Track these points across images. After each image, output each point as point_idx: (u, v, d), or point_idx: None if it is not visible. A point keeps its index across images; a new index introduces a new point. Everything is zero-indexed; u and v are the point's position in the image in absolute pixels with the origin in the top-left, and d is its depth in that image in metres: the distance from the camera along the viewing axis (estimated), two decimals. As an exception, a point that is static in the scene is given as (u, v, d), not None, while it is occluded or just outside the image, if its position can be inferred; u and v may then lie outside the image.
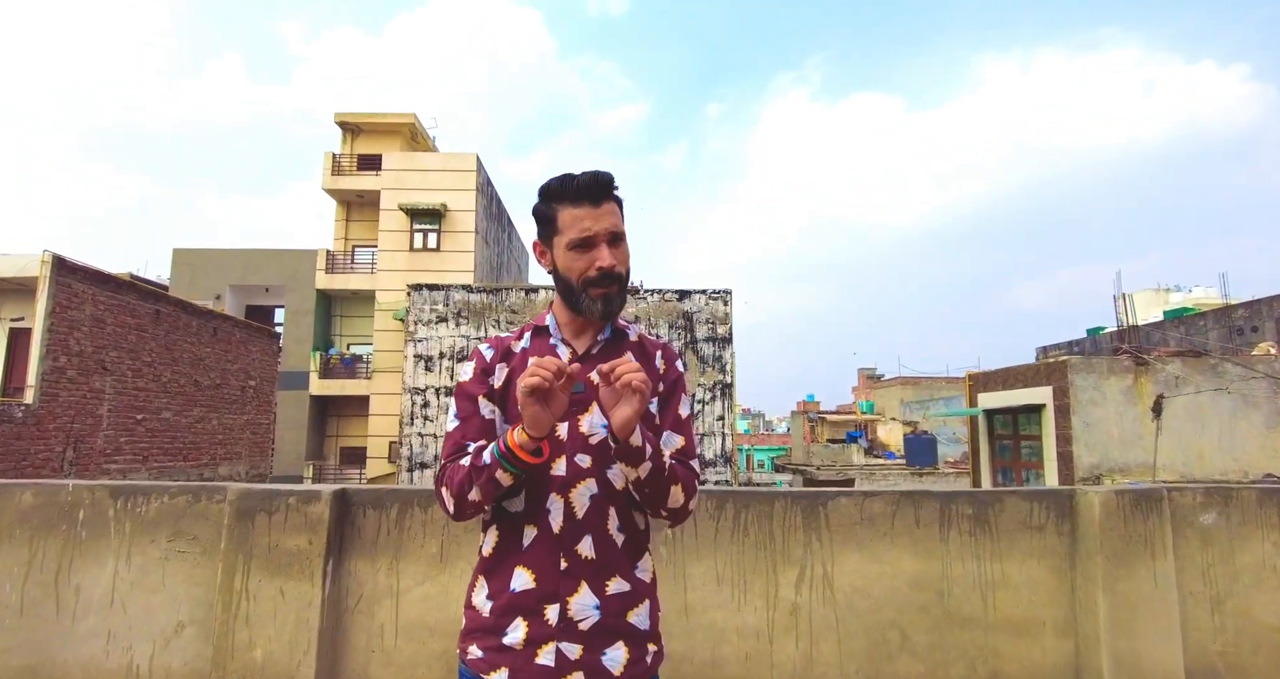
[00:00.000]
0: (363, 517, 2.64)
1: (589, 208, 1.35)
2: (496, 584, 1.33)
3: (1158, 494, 2.76)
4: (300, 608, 2.50)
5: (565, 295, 1.42)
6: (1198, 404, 9.65)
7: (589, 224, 1.34)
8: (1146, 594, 2.66)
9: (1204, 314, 31.49)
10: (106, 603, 2.63)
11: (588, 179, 1.36)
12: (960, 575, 2.73)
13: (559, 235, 1.38)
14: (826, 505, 2.71)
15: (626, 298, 1.45)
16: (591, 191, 1.35)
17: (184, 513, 2.68)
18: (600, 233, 1.35)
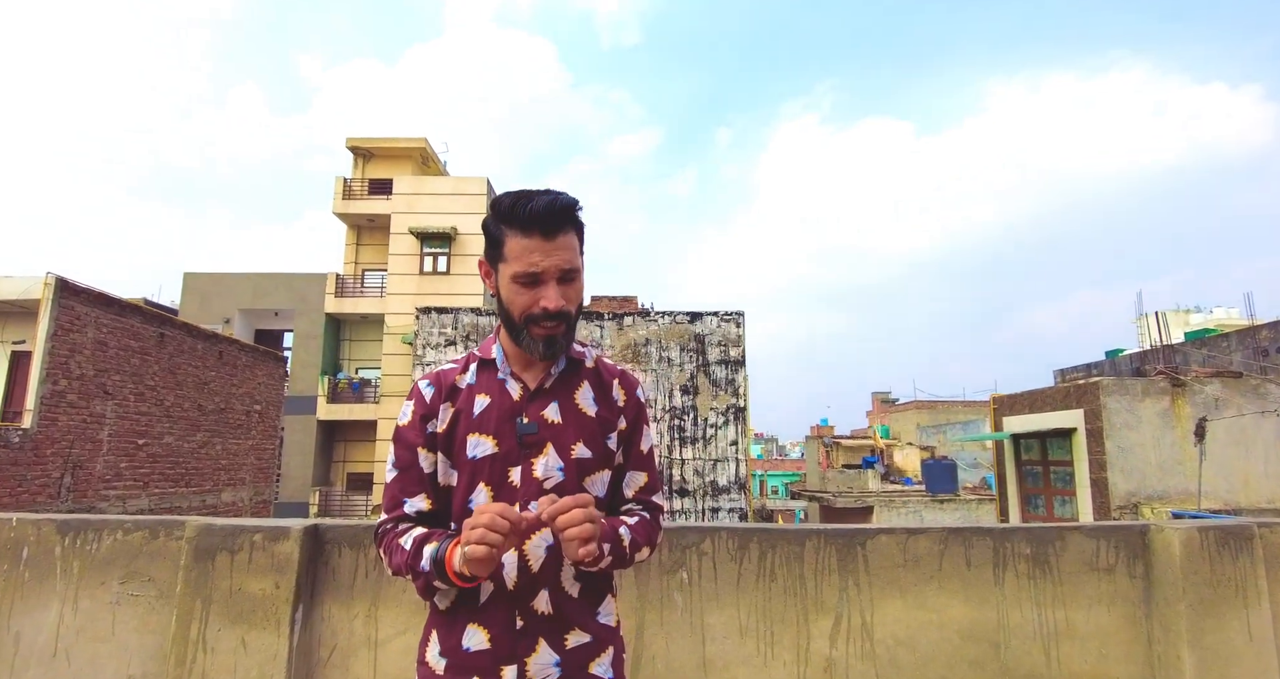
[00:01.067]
0: (338, 556, 2.34)
1: (540, 240, 1.20)
2: (450, 641, 1.23)
3: (1248, 531, 2.41)
4: (264, 661, 2.19)
5: (507, 328, 1.30)
6: (1240, 427, 9.19)
7: (538, 259, 1.21)
8: (1239, 649, 2.30)
9: (1227, 335, 30.78)
10: (50, 653, 2.33)
11: (543, 207, 1.19)
12: (1018, 625, 2.38)
13: (505, 263, 1.24)
14: (865, 545, 2.38)
15: (574, 335, 1.31)
16: (545, 222, 1.20)
17: (139, 551, 2.39)
18: (549, 269, 1.22)
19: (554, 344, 1.26)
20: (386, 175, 23.41)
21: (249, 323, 23.04)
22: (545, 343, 1.25)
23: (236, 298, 22.47)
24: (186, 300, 22.49)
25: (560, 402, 1.31)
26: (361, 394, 22.10)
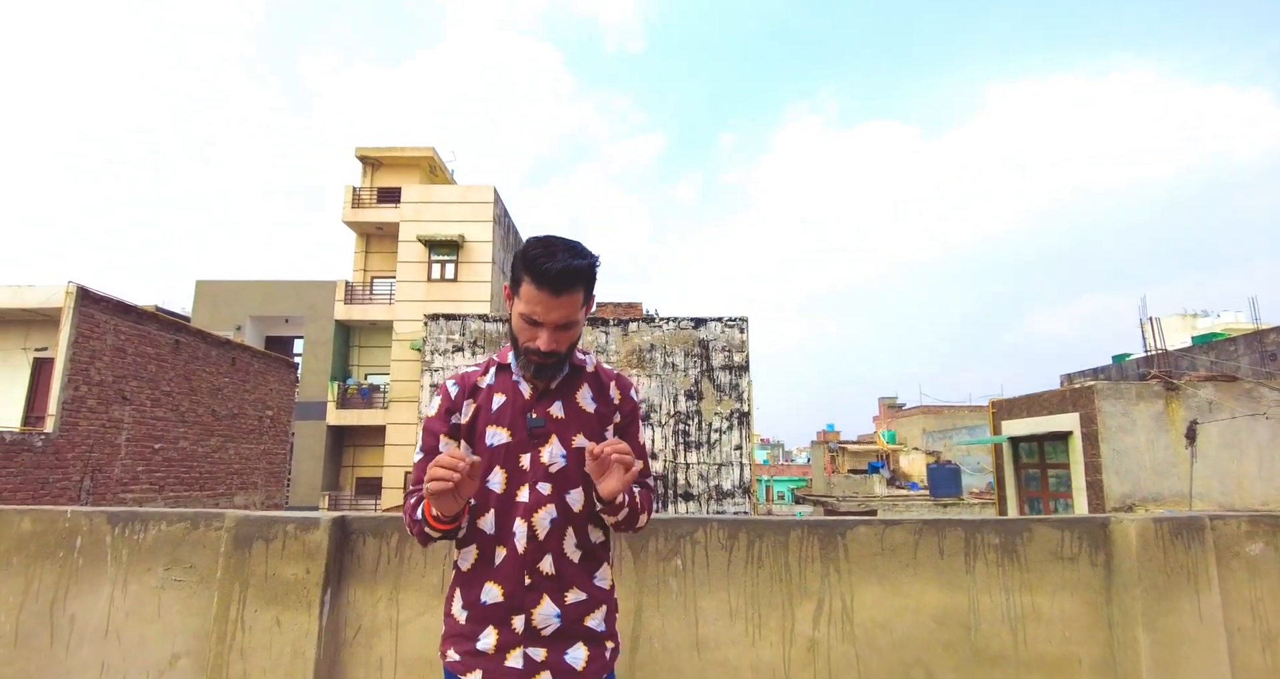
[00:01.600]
0: (362, 545, 2.56)
1: (548, 295, 1.42)
2: (470, 596, 1.48)
3: (1199, 522, 2.60)
4: (296, 639, 2.41)
5: (512, 347, 1.56)
6: (1233, 430, 9.32)
7: (540, 311, 1.44)
8: (1191, 631, 2.49)
9: (1234, 339, 30.77)
10: (101, 633, 2.56)
11: (556, 272, 1.40)
12: (988, 609, 2.58)
13: (519, 300, 1.48)
14: (845, 535, 2.58)
15: (566, 364, 1.55)
16: (556, 282, 1.41)
17: (182, 541, 2.62)
18: (549, 321, 1.45)
19: (543, 371, 1.51)
20: (395, 184, 23.76)
21: (260, 329, 23.38)
22: (536, 368, 1.50)
23: (247, 305, 22.82)
24: (198, 307, 22.85)
25: (564, 401, 1.56)
26: (370, 400, 22.38)
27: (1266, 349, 26.95)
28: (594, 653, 1.48)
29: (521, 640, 1.43)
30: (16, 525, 2.66)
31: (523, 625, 1.43)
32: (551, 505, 1.47)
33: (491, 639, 1.44)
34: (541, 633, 1.44)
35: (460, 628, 1.48)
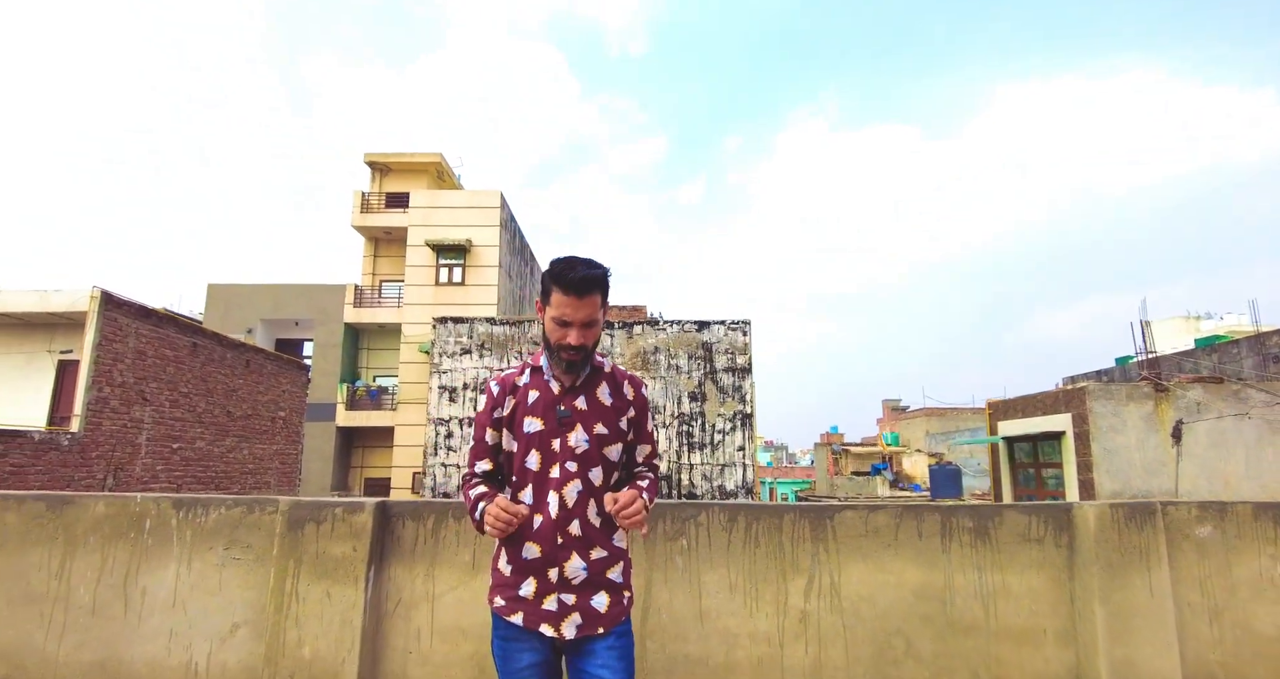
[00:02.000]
0: (402, 527, 2.87)
1: (573, 298, 1.75)
2: (513, 553, 1.80)
3: (1151, 507, 2.89)
4: (344, 610, 2.72)
5: (545, 349, 1.88)
6: (1221, 430, 9.58)
7: (569, 312, 1.77)
8: (1142, 604, 2.78)
9: (1237, 341, 30.88)
10: (169, 604, 2.87)
11: (578, 279, 1.74)
12: (962, 585, 2.87)
13: (549, 307, 1.81)
14: (833, 519, 2.88)
15: (591, 358, 1.88)
16: (579, 287, 1.75)
17: (239, 523, 2.92)
18: (575, 320, 1.78)
19: (573, 366, 1.83)
20: (403, 189, 24.13)
21: (270, 332, 23.74)
22: (567, 364, 1.83)
23: (258, 308, 23.20)
24: (210, 310, 23.23)
25: (586, 395, 1.88)
26: (379, 401, 22.72)
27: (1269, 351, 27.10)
28: (614, 599, 1.80)
29: (555, 588, 1.75)
30: (92, 509, 2.97)
31: (556, 576, 1.75)
32: (578, 480, 1.79)
33: (531, 587, 1.76)
34: (572, 582, 1.75)
35: (505, 579, 1.80)
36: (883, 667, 2.78)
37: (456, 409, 17.55)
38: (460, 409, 17.57)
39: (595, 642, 1.76)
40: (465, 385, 17.69)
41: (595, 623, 1.76)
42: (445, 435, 17.35)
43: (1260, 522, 3.00)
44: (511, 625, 1.77)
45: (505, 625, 1.79)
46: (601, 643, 1.76)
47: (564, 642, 1.75)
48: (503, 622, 1.79)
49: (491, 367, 17.96)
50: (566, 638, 1.74)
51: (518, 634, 1.77)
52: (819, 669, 2.76)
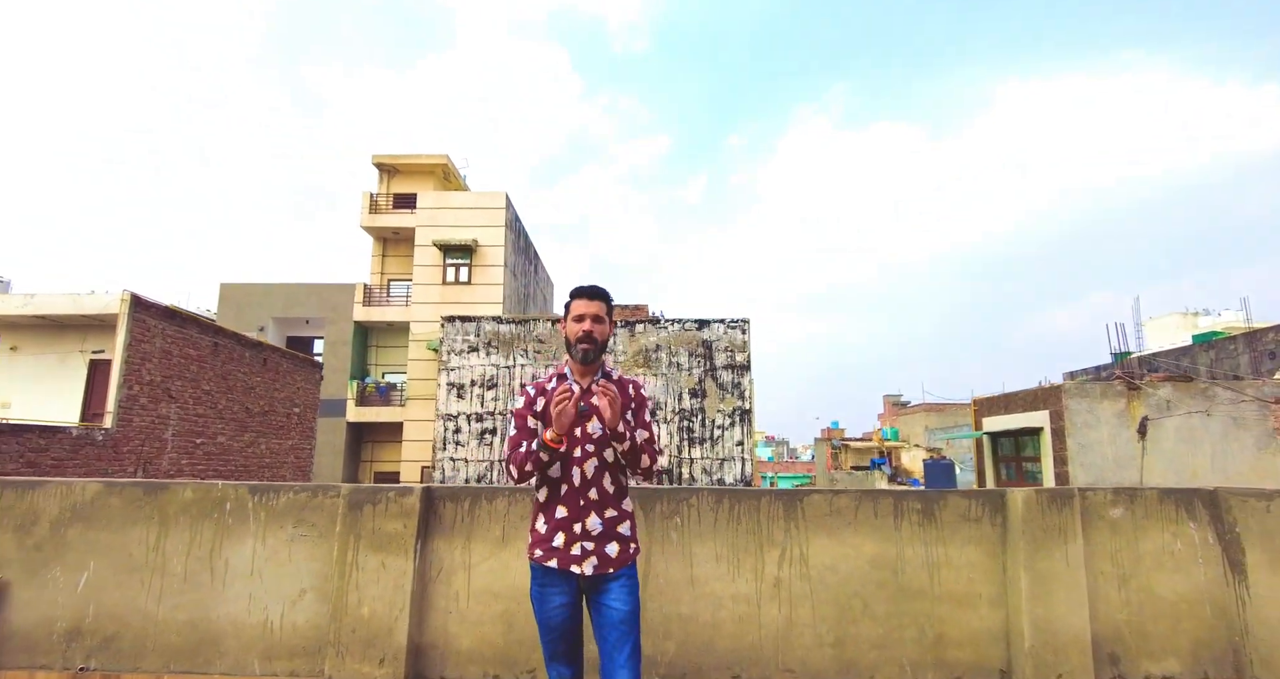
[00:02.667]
0: (443, 507, 3.43)
1: (585, 301, 2.45)
2: (547, 515, 2.37)
3: (1070, 493, 3.44)
4: (397, 576, 3.28)
5: (566, 347, 2.47)
6: (1189, 426, 10.10)
7: (582, 309, 2.44)
8: (1060, 572, 3.33)
9: (1234, 338, 31.30)
10: (248, 573, 3.43)
11: (589, 286, 2.50)
12: (911, 557, 3.42)
13: (569, 313, 2.47)
14: (802, 501, 3.44)
15: (600, 354, 2.46)
16: (589, 293, 2.47)
17: (305, 506, 3.49)
18: (587, 315, 2.43)
19: (586, 354, 2.42)
20: (410, 190, 24.67)
21: (281, 330, 24.33)
22: (583, 354, 2.42)
23: (270, 307, 23.78)
24: (223, 309, 23.82)
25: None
26: (388, 397, 23.31)
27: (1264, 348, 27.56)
28: (623, 547, 2.37)
29: (579, 538, 2.31)
30: (181, 494, 3.53)
31: (580, 529, 2.31)
32: (595, 458, 2.36)
33: (561, 538, 2.32)
34: (591, 534, 2.31)
35: (541, 536, 2.36)
36: (844, 624, 3.34)
37: (464, 405, 18.11)
38: (468, 405, 18.13)
39: (609, 580, 2.32)
40: (473, 382, 18.25)
41: (608, 564, 2.31)
42: (454, 431, 17.91)
43: (1164, 504, 3.55)
44: (548, 571, 2.32)
45: (542, 572, 2.34)
46: (614, 581, 2.32)
47: (586, 579, 2.30)
48: (540, 569, 2.34)
49: (498, 364, 18.53)
50: (587, 575, 2.28)
51: (551, 580, 2.32)
52: (790, 626, 3.32)
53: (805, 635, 3.31)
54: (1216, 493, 3.60)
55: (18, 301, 11.25)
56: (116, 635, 3.41)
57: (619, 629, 2.27)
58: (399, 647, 3.19)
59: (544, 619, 2.33)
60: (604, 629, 2.30)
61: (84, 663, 3.39)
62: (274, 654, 3.34)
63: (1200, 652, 3.40)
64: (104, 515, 3.54)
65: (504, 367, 18.55)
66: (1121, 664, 3.38)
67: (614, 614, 2.28)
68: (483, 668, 3.26)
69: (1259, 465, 9.90)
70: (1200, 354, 32.68)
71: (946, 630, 3.37)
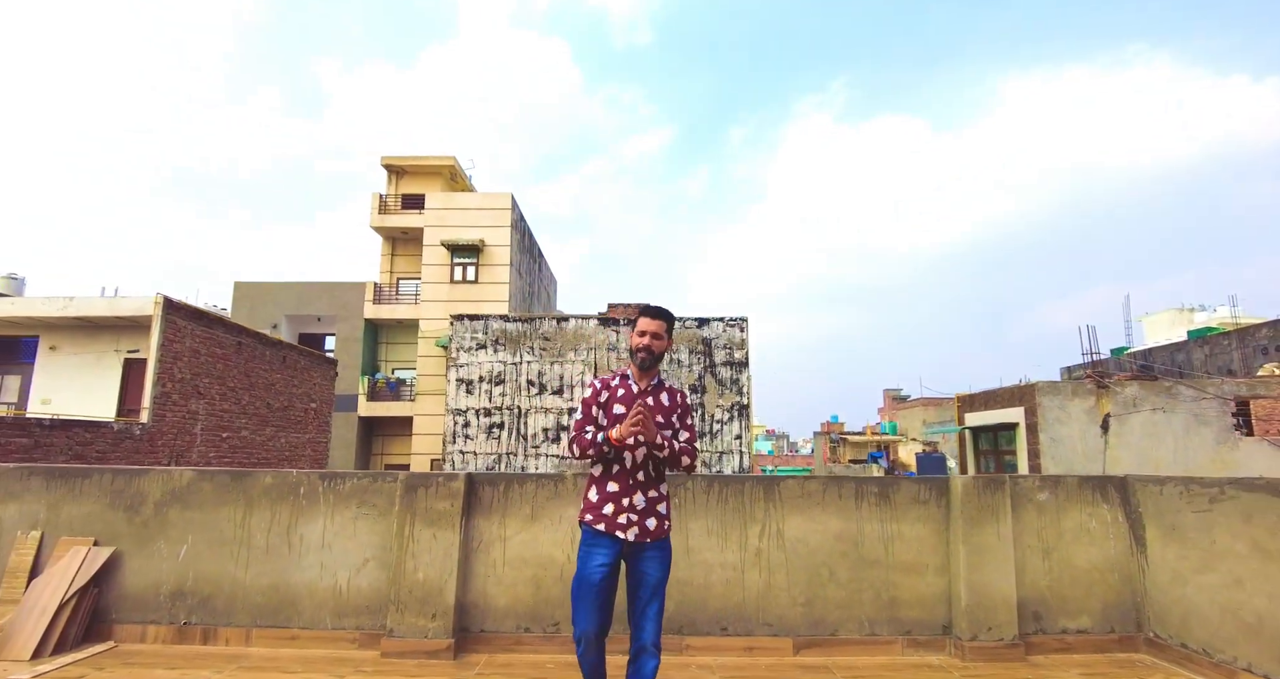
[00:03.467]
0: (483, 490, 4.13)
1: (648, 319, 2.90)
2: (599, 489, 2.80)
3: (1001, 480, 4.14)
4: (446, 547, 3.99)
5: (630, 357, 2.95)
6: (1153, 422, 10.79)
7: (645, 326, 2.90)
8: (992, 545, 4.03)
9: (1228, 333, 31.86)
10: (319, 545, 4.14)
11: (654, 308, 2.93)
12: (869, 532, 4.13)
13: (635, 326, 2.94)
14: (779, 485, 4.14)
15: (656, 364, 2.91)
16: (652, 313, 2.92)
17: (367, 490, 4.19)
18: (649, 331, 2.89)
19: (644, 363, 2.86)
20: (418, 191, 25.33)
21: (294, 327, 25.04)
22: (640, 361, 2.86)
23: (282, 304, 24.48)
24: (237, 307, 24.53)
25: (653, 396, 2.88)
26: (398, 393, 24.04)
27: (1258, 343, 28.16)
28: (659, 522, 2.78)
29: (626, 511, 2.71)
30: (262, 480, 4.24)
31: (627, 504, 2.71)
32: (643, 448, 2.75)
33: (611, 509, 2.72)
34: (636, 509, 2.72)
35: (593, 504, 2.77)
36: (813, 588, 4.05)
37: (473, 400, 18.82)
38: (477, 401, 18.84)
39: (646, 549, 2.74)
40: (481, 378, 18.95)
41: (647, 535, 2.73)
42: (463, 425, 18.63)
43: (1083, 490, 4.26)
44: (596, 533, 2.73)
45: (590, 534, 2.75)
46: (650, 551, 2.74)
47: (628, 546, 2.71)
48: (590, 531, 2.75)
49: (505, 360, 19.22)
50: (630, 541, 2.71)
51: (598, 541, 2.72)
52: (768, 589, 4.03)
53: (781, 597, 4.02)
54: (1126, 479, 4.31)
55: (58, 304, 11.95)
56: (212, 596, 4.12)
57: (650, 589, 2.69)
58: (448, 604, 3.90)
59: (584, 575, 2.68)
60: (638, 589, 2.71)
61: (186, 619, 4.10)
62: (343, 612, 4.05)
63: (1109, 611, 4.11)
64: (198, 498, 4.24)
65: (511, 363, 19.25)
66: (1043, 621, 4.08)
67: (648, 578, 2.70)
68: (516, 622, 3.97)
69: (1218, 458, 10.59)
70: (1195, 350, 33.28)
71: (899, 594, 4.07)
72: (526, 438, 19.02)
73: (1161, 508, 3.98)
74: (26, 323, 12.69)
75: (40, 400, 12.42)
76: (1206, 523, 3.66)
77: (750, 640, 3.95)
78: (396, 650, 3.84)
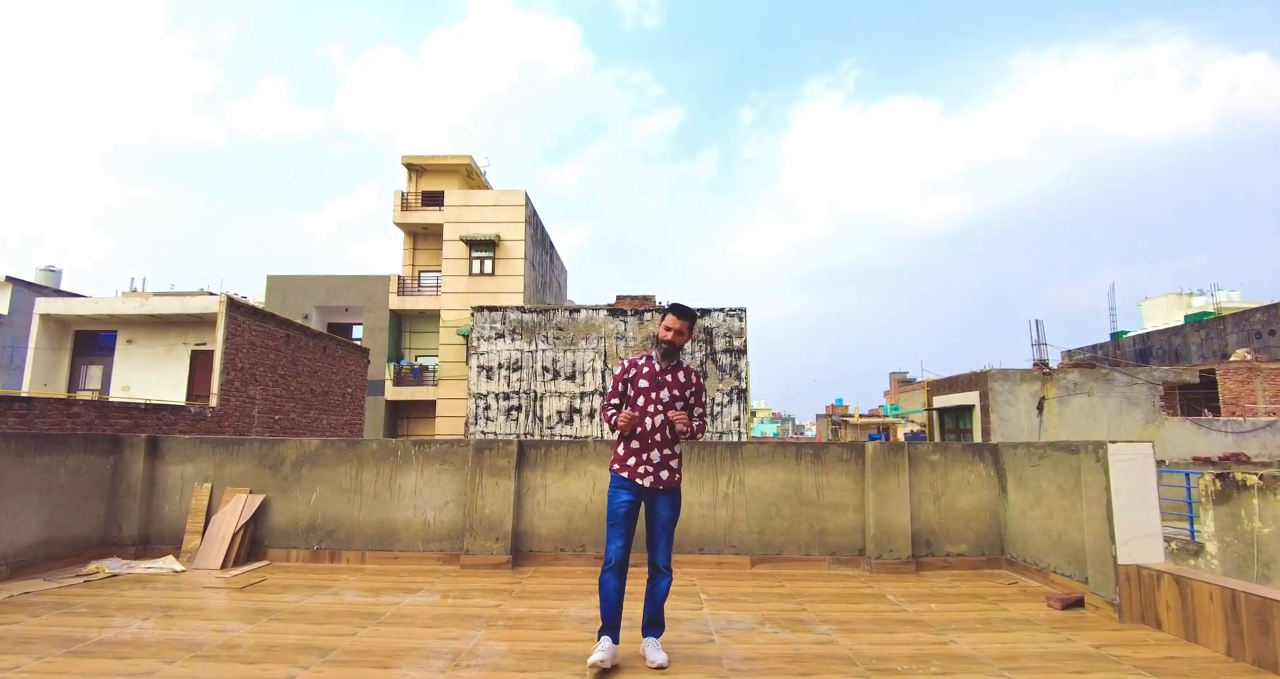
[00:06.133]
0: (530, 451, 5.76)
1: (674, 318, 3.45)
2: (626, 445, 3.39)
3: (901, 445, 5.73)
4: (505, 492, 5.62)
5: (655, 341, 3.55)
6: (1091, 404, 12.26)
7: (671, 323, 3.45)
8: (894, 491, 5.62)
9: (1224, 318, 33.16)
10: (413, 492, 5.78)
11: (680, 307, 3.47)
12: (806, 481, 5.73)
13: (663, 321, 3.51)
14: (741, 448, 5.75)
15: (677, 353, 3.47)
16: (678, 312, 3.45)
17: (447, 452, 5.82)
18: (674, 328, 3.43)
19: (668, 353, 3.43)
20: (437, 188, 26.87)
21: (323, 318, 26.77)
22: (665, 350, 3.42)
23: (312, 296, 26.19)
24: (270, 299, 26.25)
25: (672, 374, 3.44)
26: (422, 378, 25.79)
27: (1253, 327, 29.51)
28: (671, 475, 3.34)
29: (644, 464, 3.29)
30: (370, 446, 5.87)
31: (646, 458, 3.29)
32: (661, 415, 3.32)
33: (634, 461, 3.30)
34: (654, 462, 3.29)
35: (621, 457, 3.34)
36: (764, 521, 5.66)
37: (493, 385, 20.50)
38: (496, 385, 20.52)
39: (660, 494, 3.33)
40: (500, 365, 20.60)
41: (660, 483, 3.30)
42: (484, 408, 20.32)
43: (966, 453, 5.83)
44: (622, 479, 3.32)
45: (618, 480, 3.33)
46: (662, 496, 3.33)
47: (645, 490, 3.29)
48: (618, 477, 3.33)
49: (522, 348, 20.86)
50: (646, 487, 3.28)
51: (623, 484, 3.31)
52: (732, 522, 5.65)
53: (741, 527, 5.64)
54: (998, 446, 5.89)
55: (134, 303, 13.63)
56: (335, 530, 5.77)
57: (662, 525, 3.31)
58: (507, 531, 5.55)
59: (613, 509, 3.28)
60: (653, 524, 3.31)
61: (318, 546, 5.76)
62: (430, 539, 5.70)
63: (980, 541, 5.69)
64: (323, 459, 5.89)
65: (527, 351, 20.89)
66: (933, 547, 5.67)
67: (661, 517, 3.31)
68: (554, 544, 5.61)
69: (1145, 434, 12.03)
70: (1191, 334, 34.68)
71: (827, 526, 5.68)
72: (542, 419, 20.69)
73: (1016, 465, 5.56)
74: (107, 320, 14.40)
75: (121, 387, 14.15)
76: (1037, 474, 5.24)
77: (720, 557, 5.58)
78: (471, 563, 5.49)
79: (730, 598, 4.60)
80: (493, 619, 4.02)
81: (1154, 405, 12.08)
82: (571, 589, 4.80)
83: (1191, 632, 3.63)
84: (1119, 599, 4.08)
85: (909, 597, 4.68)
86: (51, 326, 14.69)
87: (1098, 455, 4.33)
